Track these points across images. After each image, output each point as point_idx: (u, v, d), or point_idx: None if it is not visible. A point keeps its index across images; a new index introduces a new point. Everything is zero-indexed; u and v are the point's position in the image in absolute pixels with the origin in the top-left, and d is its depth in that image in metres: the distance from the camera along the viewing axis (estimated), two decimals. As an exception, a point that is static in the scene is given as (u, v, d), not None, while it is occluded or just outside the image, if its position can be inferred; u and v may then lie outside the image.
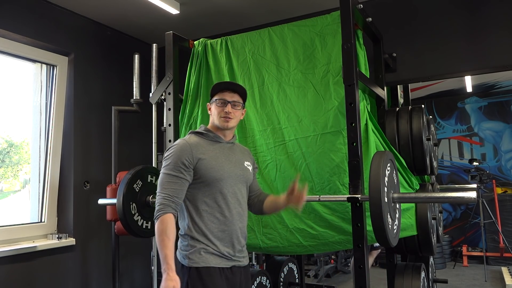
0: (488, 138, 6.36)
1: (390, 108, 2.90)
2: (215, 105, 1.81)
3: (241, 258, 1.80)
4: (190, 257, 1.70)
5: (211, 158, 1.75)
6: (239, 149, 1.95)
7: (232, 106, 1.80)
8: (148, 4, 3.20)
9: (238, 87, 1.84)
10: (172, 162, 1.70)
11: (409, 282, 2.54)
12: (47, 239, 3.17)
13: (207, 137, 1.82)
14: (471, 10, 2.99)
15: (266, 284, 3.13)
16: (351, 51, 2.11)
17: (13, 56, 3.07)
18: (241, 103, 1.84)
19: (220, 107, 1.80)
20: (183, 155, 1.71)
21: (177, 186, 1.68)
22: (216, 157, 1.78)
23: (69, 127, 3.34)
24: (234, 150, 1.89)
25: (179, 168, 1.69)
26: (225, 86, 1.83)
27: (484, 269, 5.27)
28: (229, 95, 1.81)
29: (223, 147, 1.83)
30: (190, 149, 1.73)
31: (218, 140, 1.83)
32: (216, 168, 1.75)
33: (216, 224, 1.73)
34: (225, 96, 1.80)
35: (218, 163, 1.76)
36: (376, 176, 1.78)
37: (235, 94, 1.82)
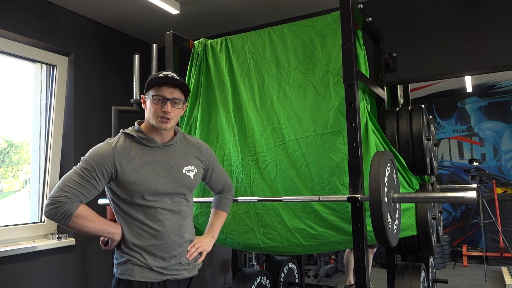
0: (488, 138, 6.36)
1: (390, 108, 2.90)
2: (151, 102, 1.57)
3: (179, 271, 1.61)
4: (119, 267, 1.58)
5: (135, 169, 1.53)
6: (181, 149, 1.69)
7: (172, 104, 1.56)
8: (148, 4, 3.20)
9: (178, 82, 1.59)
10: (89, 165, 1.50)
11: (409, 282, 2.54)
12: (47, 239, 3.17)
13: (137, 140, 1.60)
14: (471, 10, 2.99)
15: (266, 284, 3.14)
16: (351, 51, 2.11)
17: (13, 56, 3.07)
18: (182, 100, 1.60)
19: (157, 105, 1.56)
20: (103, 162, 1.51)
21: (85, 192, 1.49)
22: (142, 166, 1.55)
23: (69, 127, 3.34)
24: (173, 153, 1.64)
25: (94, 174, 1.49)
26: (163, 80, 1.56)
27: (484, 269, 5.27)
28: (169, 91, 1.56)
29: (156, 152, 1.60)
30: (112, 156, 1.52)
31: (149, 144, 1.60)
32: (139, 181, 1.53)
33: (146, 238, 1.56)
34: (163, 92, 1.56)
35: (141, 175, 1.53)
36: (376, 176, 1.78)
37: (175, 89, 1.58)
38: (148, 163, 1.57)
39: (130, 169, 1.53)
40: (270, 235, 2.48)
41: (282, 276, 3.43)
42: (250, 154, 2.56)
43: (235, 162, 2.58)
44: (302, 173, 2.39)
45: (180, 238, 1.62)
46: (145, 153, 1.59)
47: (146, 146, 1.60)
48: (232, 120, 2.62)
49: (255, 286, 2.98)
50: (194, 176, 1.68)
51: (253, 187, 2.52)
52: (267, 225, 2.48)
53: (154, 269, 1.56)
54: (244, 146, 2.58)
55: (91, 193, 1.52)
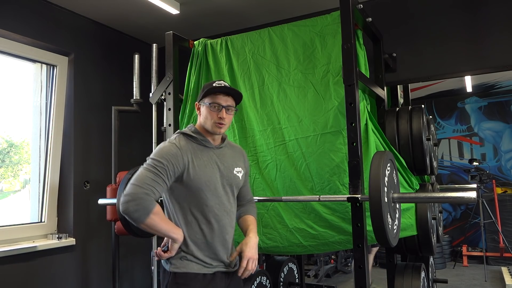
0: (488, 138, 6.36)
1: (390, 108, 2.90)
2: (208, 108, 1.71)
3: (226, 265, 1.74)
4: (172, 262, 1.69)
5: (199, 167, 1.67)
6: (230, 151, 1.84)
7: (226, 110, 1.71)
8: (148, 4, 3.20)
9: (232, 90, 1.74)
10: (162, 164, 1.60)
11: (409, 282, 2.54)
12: (47, 239, 3.17)
13: (196, 140, 1.72)
14: (471, 10, 2.99)
15: (266, 284, 3.13)
16: (351, 51, 2.11)
17: (13, 56, 3.07)
18: (234, 107, 1.75)
19: (214, 112, 1.70)
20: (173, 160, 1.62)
21: (159, 188, 1.59)
22: (204, 165, 1.69)
23: (69, 127, 3.34)
24: (224, 155, 1.79)
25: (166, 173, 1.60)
26: (219, 89, 1.71)
27: (484, 269, 5.27)
28: (224, 99, 1.71)
29: (212, 153, 1.74)
30: (181, 154, 1.64)
31: (207, 145, 1.74)
32: (203, 179, 1.67)
33: (201, 236, 1.69)
34: (219, 100, 1.70)
35: (205, 173, 1.68)
36: (376, 176, 1.78)
37: (229, 97, 1.73)
38: (208, 162, 1.72)
39: (197, 166, 1.67)
40: (270, 235, 2.48)
41: (282, 276, 3.43)
42: (250, 154, 2.56)
43: (235, 162, 2.58)
44: (302, 173, 2.39)
45: (229, 237, 1.76)
46: (203, 153, 1.73)
47: (204, 146, 1.74)
48: (233, 120, 2.61)
49: (255, 286, 2.98)
50: (242, 177, 1.83)
51: (253, 187, 2.52)
52: (267, 225, 2.48)
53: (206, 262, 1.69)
54: (244, 146, 2.58)
55: (162, 190, 1.63)
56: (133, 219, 1.54)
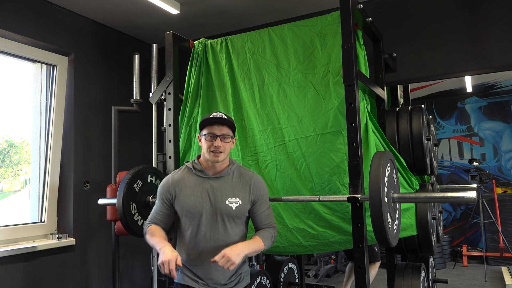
0: (488, 138, 6.36)
1: (390, 108, 2.90)
2: (205, 139, 1.84)
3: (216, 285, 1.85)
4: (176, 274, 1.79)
5: (185, 195, 1.85)
6: (231, 181, 1.89)
7: (221, 139, 1.82)
8: (148, 4, 3.20)
9: (226, 120, 1.84)
10: (158, 195, 1.92)
11: (409, 282, 2.54)
12: (47, 239, 3.17)
13: (193, 172, 1.89)
14: (471, 10, 2.99)
15: (266, 284, 3.13)
16: (351, 51, 2.11)
17: (13, 56, 3.07)
18: (230, 136, 1.85)
19: (209, 142, 1.82)
20: (164, 191, 1.89)
21: (159, 216, 1.91)
22: (191, 194, 1.84)
23: (69, 127, 3.34)
24: (221, 185, 1.86)
25: (161, 202, 1.90)
26: (213, 120, 1.83)
27: (484, 269, 5.27)
28: (218, 129, 1.82)
29: (206, 182, 1.86)
30: (169, 186, 1.88)
31: (203, 175, 1.87)
32: (186, 207, 1.83)
33: (189, 257, 1.86)
34: (214, 130, 1.82)
35: (190, 201, 1.83)
36: (376, 176, 1.77)
37: (223, 127, 1.83)
38: (198, 191, 1.85)
39: (182, 195, 1.85)
40: (270, 235, 2.47)
41: (282, 276, 3.43)
42: (250, 154, 2.56)
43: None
44: (302, 173, 2.39)
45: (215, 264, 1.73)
46: (197, 182, 1.87)
47: (199, 177, 1.88)
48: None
49: (255, 286, 2.98)
50: (237, 208, 1.85)
51: (253, 187, 2.51)
52: (267, 225, 2.48)
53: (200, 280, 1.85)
54: (244, 146, 2.58)
55: (165, 217, 1.90)
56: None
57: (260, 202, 1.92)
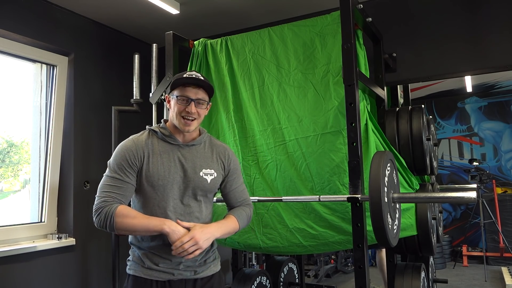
0: (488, 138, 6.36)
1: (390, 108, 2.90)
2: (175, 102, 1.57)
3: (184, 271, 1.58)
4: (128, 263, 1.63)
5: (153, 164, 1.55)
6: (204, 150, 1.67)
7: (196, 104, 1.56)
8: (148, 4, 3.20)
9: (202, 82, 1.57)
10: (116, 163, 1.54)
11: (409, 282, 2.54)
12: (47, 239, 3.17)
13: (160, 136, 1.61)
14: (471, 10, 2.99)
15: (266, 284, 3.13)
16: (351, 51, 2.11)
17: (13, 56, 3.07)
18: (206, 101, 1.60)
19: (181, 106, 1.56)
20: (129, 156, 1.54)
21: (121, 190, 1.52)
22: (161, 163, 1.56)
23: (69, 127, 3.34)
24: (193, 154, 1.62)
25: (123, 170, 1.52)
26: (188, 80, 1.56)
27: (484, 269, 5.27)
28: (193, 92, 1.56)
29: (176, 150, 1.60)
30: (135, 149, 1.55)
31: (171, 141, 1.60)
32: (155, 178, 1.54)
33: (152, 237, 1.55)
34: (187, 93, 1.55)
35: (159, 171, 1.54)
36: (376, 176, 1.78)
37: (199, 90, 1.57)
38: (167, 160, 1.57)
39: (150, 162, 1.55)
40: (270, 235, 2.48)
41: (282, 276, 3.43)
42: (250, 154, 2.56)
43: (235, 162, 2.58)
44: (302, 173, 2.39)
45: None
46: (165, 149, 1.59)
47: (167, 143, 1.61)
48: (233, 120, 2.62)
49: (255, 286, 2.98)
50: (212, 181, 1.63)
51: (253, 187, 2.52)
52: (267, 225, 2.48)
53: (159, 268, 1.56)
54: (245, 146, 2.58)
55: (126, 190, 1.54)
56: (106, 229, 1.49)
57: (234, 176, 1.72)
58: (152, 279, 1.56)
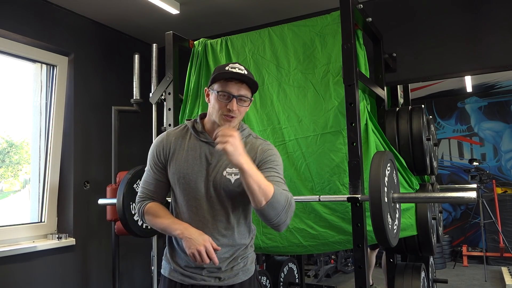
0: (488, 138, 6.36)
1: (390, 108, 2.90)
2: (216, 98, 1.44)
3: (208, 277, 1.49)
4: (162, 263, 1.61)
5: (178, 159, 1.49)
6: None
7: (238, 101, 1.43)
8: (148, 4, 3.20)
9: (246, 77, 1.43)
10: (150, 158, 1.55)
11: (409, 282, 2.54)
12: (47, 239, 3.17)
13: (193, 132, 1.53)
14: (471, 10, 2.99)
15: (266, 284, 3.13)
16: (351, 51, 2.11)
17: (13, 56, 3.07)
18: (248, 98, 1.46)
19: (222, 102, 1.43)
20: (157, 151, 1.52)
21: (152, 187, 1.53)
22: (185, 159, 1.48)
23: (69, 127, 3.34)
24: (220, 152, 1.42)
25: (153, 166, 1.53)
26: (231, 75, 1.42)
27: (484, 269, 5.27)
28: (235, 87, 1.42)
29: (204, 147, 1.50)
30: (165, 143, 1.52)
31: (202, 138, 1.51)
32: (178, 174, 1.48)
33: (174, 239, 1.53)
34: (230, 89, 1.42)
35: (183, 168, 1.48)
36: (376, 176, 1.77)
37: (242, 85, 1.44)
38: (192, 157, 1.49)
39: (176, 158, 1.50)
40: (270, 235, 2.48)
41: (282, 276, 3.43)
42: (250, 154, 2.56)
43: (235, 162, 2.58)
44: (302, 173, 2.39)
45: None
46: (194, 146, 1.51)
47: (199, 140, 1.52)
48: (232, 120, 2.61)
49: (255, 286, 2.98)
50: (236, 181, 1.46)
51: (253, 187, 2.51)
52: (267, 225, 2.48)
53: (184, 271, 1.51)
54: (244, 146, 2.58)
55: (157, 187, 1.53)
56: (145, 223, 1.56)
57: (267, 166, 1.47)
58: (177, 282, 1.52)
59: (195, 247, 1.36)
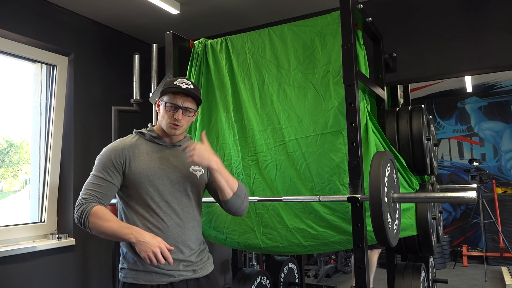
0: (488, 138, 6.36)
1: (390, 108, 2.90)
2: (164, 108, 1.63)
3: (184, 271, 1.60)
4: (122, 271, 1.63)
5: (142, 161, 1.60)
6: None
7: (183, 111, 1.62)
8: (148, 4, 3.20)
9: (191, 92, 1.62)
10: (101, 163, 1.60)
11: (409, 282, 2.54)
12: (47, 239, 3.17)
13: (148, 138, 1.68)
14: (471, 10, 2.99)
15: (266, 284, 3.14)
16: (351, 51, 2.11)
17: (13, 56, 3.07)
18: (193, 110, 1.66)
19: (169, 112, 1.62)
20: (113, 156, 1.60)
21: (102, 189, 1.56)
22: (149, 160, 1.62)
23: (69, 127, 3.34)
24: (181, 153, 1.69)
25: (106, 169, 1.58)
26: (178, 89, 1.61)
27: (484, 269, 5.27)
28: (181, 100, 1.62)
29: (164, 150, 1.67)
30: (122, 149, 1.61)
31: (160, 142, 1.67)
32: (145, 174, 1.58)
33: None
34: (176, 101, 1.61)
35: (149, 167, 1.60)
36: (376, 176, 1.78)
37: (188, 98, 1.63)
38: (157, 158, 1.64)
39: (138, 161, 1.61)
40: (270, 235, 2.48)
41: (282, 276, 3.43)
42: (250, 154, 2.56)
43: (235, 162, 2.58)
44: (302, 173, 2.39)
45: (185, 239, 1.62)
46: (154, 149, 1.66)
47: (156, 144, 1.68)
48: (232, 120, 2.62)
49: (255, 286, 2.98)
50: (201, 177, 1.72)
51: (253, 187, 2.52)
52: (267, 225, 2.48)
53: (157, 270, 1.56)
54: (244, 146, 2.58)
55: (108, 189, 1.58)
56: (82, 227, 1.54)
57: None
58: (153, 284, 1.56)
59: (150, 249, 1.44)
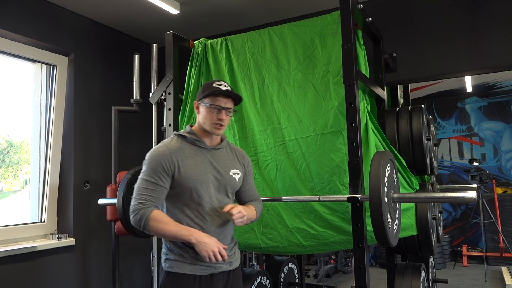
0: (488, 138, 6.36)
1: (390, 108, 2.90)
2: (208, 109, 1.74)
3: (222, 264, 1.75)
4: (167, 262, 1.73)
5: (189, 166, 1.70)
6: (228, 153, 1.86)
7: (226, 112, 1.74)
8: (148, 4, 3.20)
9: (232, 93, 1.76)
10: (151, 168, 1.68)
11: (409, 282, 2.54)
12: (47, 239, 3.17)
13: (189, 141, 1.76)
14: (471, 10, 2.99)
15: (266, 284, 3.13)
16: (351, 51, 2.11)
17: (13, 56, 3.07)
18: (233, 109, 1.79)
19: (213, 114, 1.73)
20: (163, 162, 1.68)
21: (155, 193, 1.66)
22: (195, 164, 1.72)
23: (69, 127, 3.34)
24: (220, 156, 1.81)
25: (158, 174, 1.67)
26: (220, 91, 1.73)
27: (484, 269, 5.27)
28: (223, 101, 1.74)
29: (206, 153, 1.77)
30: (169, 154, 1.69)
31: (201, 145, 1.77)
32: (193, 178, 1.69)
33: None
34: (219, 102, 1.73)
35: (196, 172, 1.71)
36: (376, 176, 1.78)
37: (229, 99, 1.76)
38: (200, 162, 1.74)
39: (186, 165, 1.70)
40: (270, 235, 2.48)
41: (282, 276, 3.43)
42: (250, 154, 2.56)
43: (235, 162, 2.58)
44: (302, 173, 2.39)
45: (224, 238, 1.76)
46: (197, 153, 1.76)
47: (197, 147, 1.77)
48: (232, 120, 2.62)
49: (255, 286, 2.98)
50: (239, 179, 1.84)
51: (253, 187, 2.52)
52: (267, 225, 2.48)
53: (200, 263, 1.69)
54: (245, 146, 2.58)
55: (160, 193, 1.68)
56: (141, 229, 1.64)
57: (250, 176, 1.95)
58: (196, 275, 1.70)
59: (210, 249, 1.60)
